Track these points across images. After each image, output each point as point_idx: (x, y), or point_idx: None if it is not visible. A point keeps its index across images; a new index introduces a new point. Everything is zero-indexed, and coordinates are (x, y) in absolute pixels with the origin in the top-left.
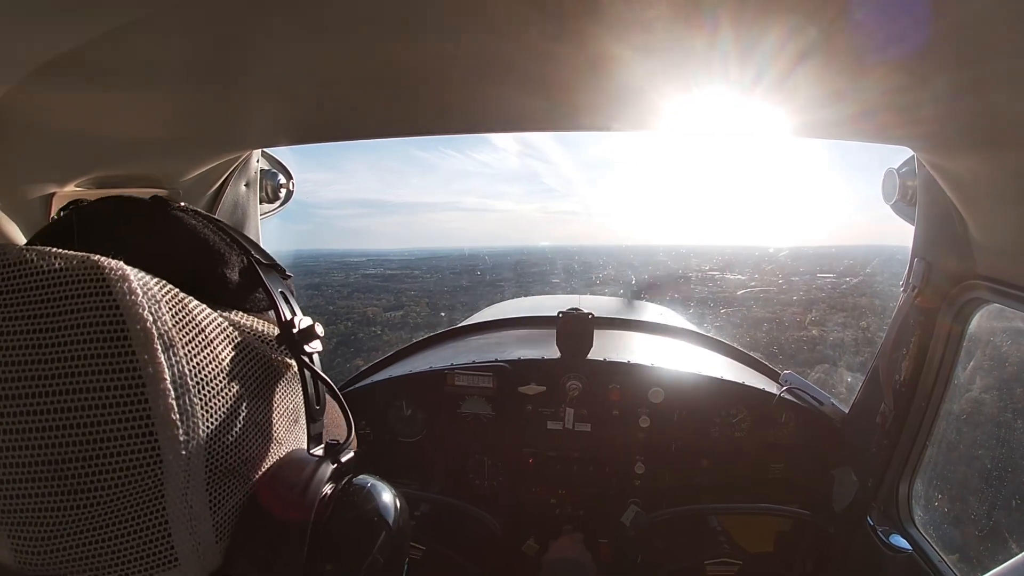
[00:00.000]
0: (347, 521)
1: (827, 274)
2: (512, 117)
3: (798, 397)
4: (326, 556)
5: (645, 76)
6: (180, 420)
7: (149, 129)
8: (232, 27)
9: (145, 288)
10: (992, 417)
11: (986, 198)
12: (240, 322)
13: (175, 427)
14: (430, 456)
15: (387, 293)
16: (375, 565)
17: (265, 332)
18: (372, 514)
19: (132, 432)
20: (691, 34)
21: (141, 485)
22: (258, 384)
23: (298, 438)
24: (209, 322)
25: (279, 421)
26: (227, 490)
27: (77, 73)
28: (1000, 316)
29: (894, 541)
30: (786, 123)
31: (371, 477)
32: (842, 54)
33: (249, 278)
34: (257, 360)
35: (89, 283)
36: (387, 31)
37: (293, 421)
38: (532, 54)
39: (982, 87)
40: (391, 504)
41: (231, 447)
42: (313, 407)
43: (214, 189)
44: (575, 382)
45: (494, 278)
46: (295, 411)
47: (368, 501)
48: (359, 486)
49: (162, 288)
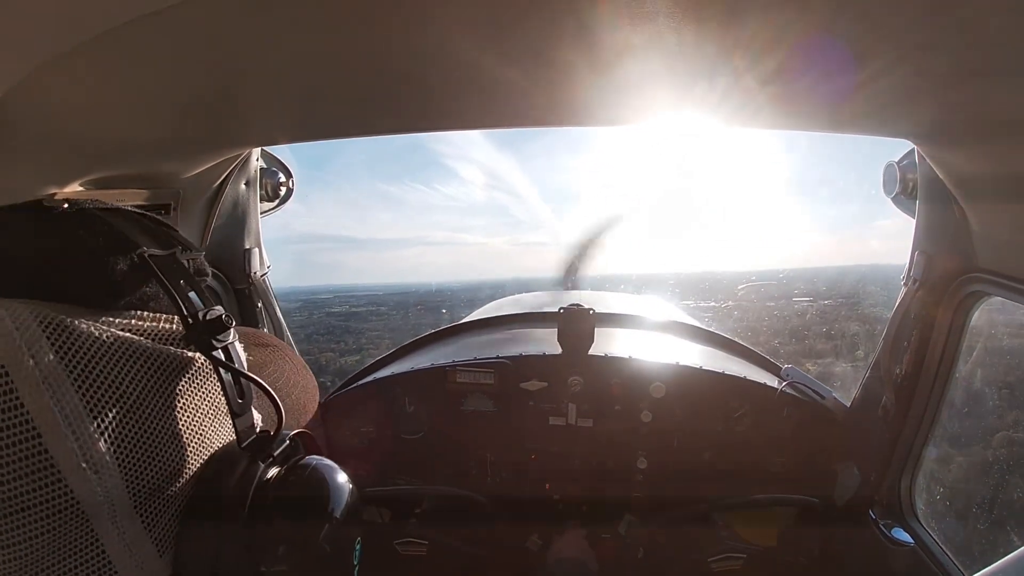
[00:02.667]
0: (288, 508)
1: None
2: (511, 112)
3: (800, 391)
4: (271, 545)
5: (644, 69)
6: (85, 459)
7: (149, 129)
8: (231, 26)
9: (22, 328)
10: (994, 409)
11: (986, 191)
12: (140, 325)
13: (81, 467)
14: (433, 453)
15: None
16: (322, 549)
17: (171, 330)
18: (315, 497)
19: (41, 483)
20: (689, 28)
21: (68, 526)
22: (167, 390)
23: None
24: (97, 342)
25: (202, 421)
26: (159, 505)
27: (76, 73)
28: (1001, 309)
29: (896, 534)
30: (786, 117)
31: (318, 459)
32: (842, 47)
33: (142, 274)
34: (163, 364)
35: None
36: (385, 27)
37: (225, 415)
38: (531, 47)
39: (982, 80)
40: (336, 485)
41: (149, 465)
42: (234, 401)
43: (214, 188)
44: (577, 378)
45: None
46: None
47: (313, 484)
48: (301, 470)
49: (39, 321)
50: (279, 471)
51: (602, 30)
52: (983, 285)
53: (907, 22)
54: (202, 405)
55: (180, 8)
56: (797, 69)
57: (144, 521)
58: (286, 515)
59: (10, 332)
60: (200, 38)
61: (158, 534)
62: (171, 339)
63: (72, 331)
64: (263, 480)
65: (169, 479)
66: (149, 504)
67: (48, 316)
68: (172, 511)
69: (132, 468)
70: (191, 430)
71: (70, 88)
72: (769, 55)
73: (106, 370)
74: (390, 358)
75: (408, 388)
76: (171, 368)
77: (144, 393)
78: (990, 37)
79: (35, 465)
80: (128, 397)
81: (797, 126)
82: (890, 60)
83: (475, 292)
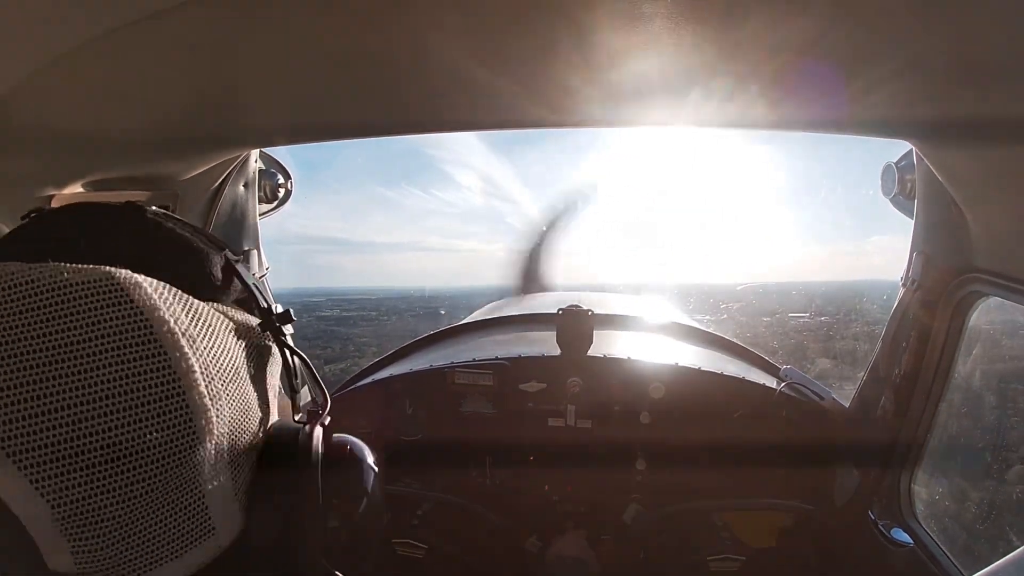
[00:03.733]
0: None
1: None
2: (510, 114)
3: (799, 392)
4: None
5: (642, 71)
6: (211, 407)
7: (147, 130)
8: (229, 27)
9: (159, 293)
10: (993, 409)
11: (985, 191)
12: (232, 314)
13: (208, 413)
14: (431, 455)
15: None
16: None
17: (247, 320)
18: (360, 462)
19: (175, 422)
20: (687, 30)
21: (183, 468)
22: (254, 367)
23: (279, 408)
24: (212, 317)
25: (271, 397)
26: (244, 461)
27: (76, 74)
28: (1000, 309)
29: (896, 535)
30: (785, 118)
31: (347, 436)
32: (840, 48)
33: (228, 273)
34: (253, 346)
35: (109, 294)
36: (383, 29)
37: (276, 395)
38: (529, 48)
39: (981, 81)
40: (367, 454)
41: (246, 425)
42: (295, 381)
43: (212, 189)
44: (576, 379)
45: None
46: (276, 386)
47: (353, 453)
48: (340, 442)
49: (169, 291)
50: (326, 443)
51: (600, 32)
52: (981, 285)
53: (906, 24)
54: (271, 382)
55: (179, 10)
56: (796, 71)
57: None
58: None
59: (148, 290)
60: (199, 40)
61: (239, 487)
62: (250, 327)
63: (194, 304)
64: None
65: (253, 441)
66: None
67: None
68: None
69: (236, 425)
70: (264, 400)
71: (69, 89)
72: (768, 57)
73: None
74: (389, 359)
75: (407, 390)
76: (255, 349)
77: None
78: (988, 39)
79: (173, 404)
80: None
81: (796, 127)
82: (889, 62)
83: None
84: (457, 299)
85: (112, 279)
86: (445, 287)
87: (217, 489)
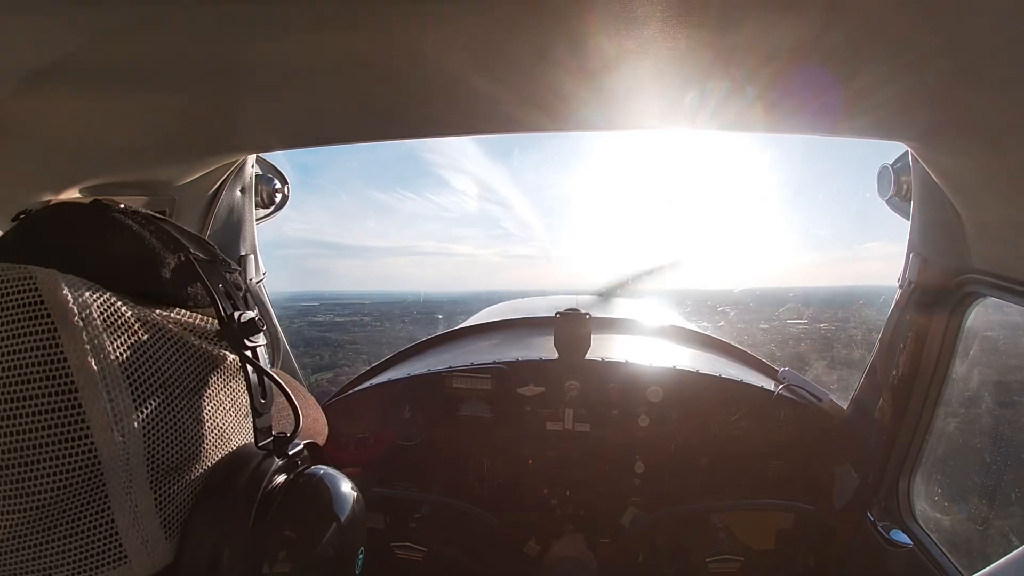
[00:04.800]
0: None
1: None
2: (505, 118)
3: (797, 394)
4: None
5: (638, 75)
6: (115, 421)
7: (144, 136)
8: (227, 32)
9: (76, 294)
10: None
11: (981, 192)
12: (180, 319)
13: (111, 428)
14: (430, 459)
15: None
16: (325, 555)
17: (207, 328)
18: (322, 505)
19: (68, 435)
20: (683, 33)
21: (82, 486)
22: (198, 381)
23: (251, 433)
24: (143, 323)
25: (224, 416)
26: (173, 487)
27: (71, 80)
28: (997, 310)
29: (895, 536)
30: (781, 121)
31: (326, 468)
32: (836, 51)
33: (187, 275)
34: (197, 357)
35: (21, 292)
36: (379, 35)
37: (244, 416)
38: (525, 53)
39: (977, 83)
40: (344, 494)
41: (172, 444)
42: (257, 401)
43: (209, 195)
44: (574, 382)
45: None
46: (244, 406)
47: (318, 492)
48: (309, 477)
49: (94, 293)
50: (289, 476)
51: (594, 36)
52: (978, 286)
53: (902, 28)
54: (226, 401)
55: (177, 16)
56: (792, 74)
57: (156, 499)
58: (292, 518)
59: (64, 292)
60: (196, 46)
61: (167, 515)
62: (207, 336)
63: (122, 309)
64: (273, 482)
65: (186, 464)
66: (164, 483)
67: (101, 291)
68: (184, 496)
69: (155, 442)
70: (213, 422)
71: (66, 95)
72: (764, 60)
73: (145, 349)
74: (387, 364)
75: (405, 394)
76: (203, 361)
77: (176, 378)
78: (984, 42)
79: (66, 417)
80: (161, 378)
81: (792, 130)
82: (886, 65)
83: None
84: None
85: (26, 277)
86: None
87: (129, 513)
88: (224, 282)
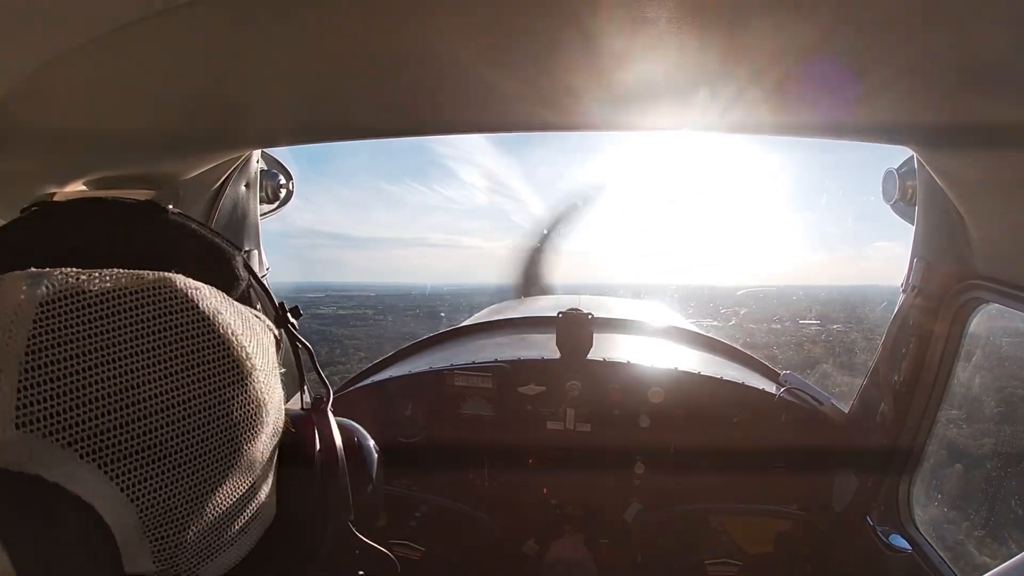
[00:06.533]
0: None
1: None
2: (513, 117)
3: (798, 397)
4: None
5: (646, 76)
6: (266, 399)
7: (149, 129)
8: (231, 27)
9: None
10: (992, 416)
11: (985, 198)
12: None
13: (267, 406)
14: (430, 457)
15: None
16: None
17: (263, 317)
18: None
19: (243, 417)
20: (692, 34)
21: (246, 458)
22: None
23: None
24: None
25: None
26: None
27: (77, 74)
28: (999, 316)
29: (894, 541)
30: (788, 124)
31: (349, 421)
32: (843, 54)
33: (242, 269)
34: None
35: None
36: (386, 31)
37: None
38: (534, 52)
39: (982, 88)
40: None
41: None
42: (303, 370)
43: (214, 189)
44: (575, 382)
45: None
46: None
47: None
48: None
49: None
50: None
51: (604, 35)
52: (981, 292)
53: (908, 31)
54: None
55: (181, 10)
56: (799, 77)
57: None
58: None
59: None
60: (201, 40)
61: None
62: (266, 323)
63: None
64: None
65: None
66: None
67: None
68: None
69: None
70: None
71: (71, 88)
72: (771, 63)
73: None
74: (389, 361)
75: (406, 392)
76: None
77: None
78: (990, 46)
79: (246, 405)
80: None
81: (798, 133)
82: (892, 69)
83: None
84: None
85: (171, 285)
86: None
87: (265, 471)
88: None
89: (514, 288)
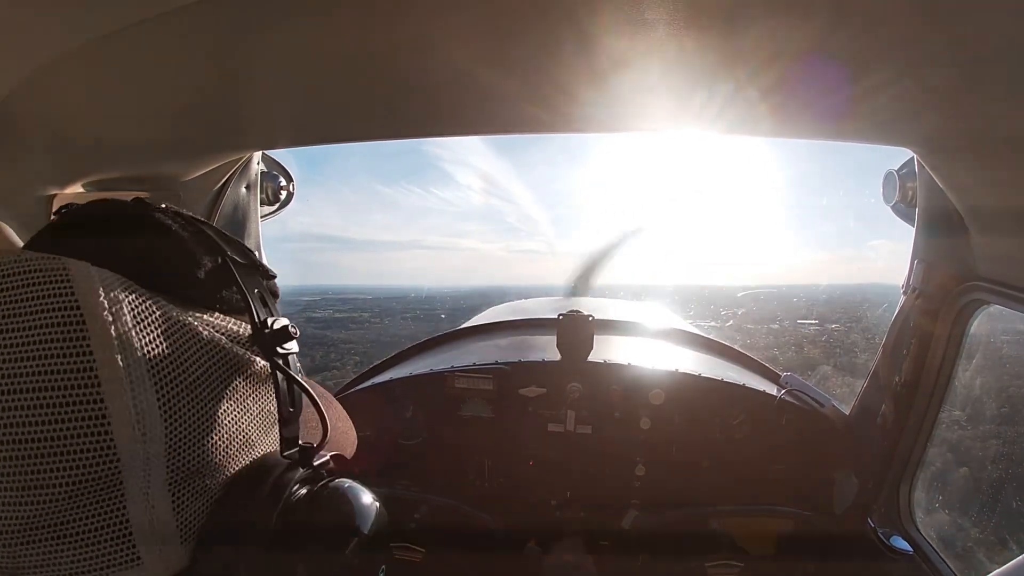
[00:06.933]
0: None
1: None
2: (511, 119)
3: (799, 399)
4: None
5: (644, 78)
6: (137, 419)
7: (149, 131)
8: (231, 30)
9: (108, 288)
10: (993, 418)
11: (986, 200)
12: (213, 322)
13: (132, 426)
14: (430, 459)
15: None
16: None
17: (239, 332)
18: (345, 518)
19: (87, 430)
20: (690, 36)
21: (99, 483)
22: (226, 385)
23: (277, 442)
24: (174, 323)
25: (251, 423)
26: (192, 491)
27: (78, 75)
28: (1000, 318)
29: (895, 543)
30: (787, 125)
31: (351, 481)
32: (841, 54)
33: (223, 278)
34: (227, 361)
35: (53, 283)
36: (386, 33)
37: (272, 424)
38: (532, 54)
39: (983, 90)
40: (366, 509)
41: (195, 447)
42: (286, 409)
43: (214, 191)
44: (576, 384)
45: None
46: (272, 414)
47: (342, 505)
48: (334, 489)
49: (126, 289)
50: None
51: (602, 38)
52: (982, 294)
53: (909, 34)
54: (253, 407)
55: (182, 12)
56: (798, 78)
57: (174, 502)
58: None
59: (96, 288)
60: (201, 42)
61: (184, 520)
62: (239, 341)
63: (153, 307)
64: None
65: (208, 468)
66: (184, 486)
67: (135, 288)
68: (204, 501)
69: (177, 444)
70: (239, 427)
71: (71, 90)
72: (770, 64)
73: (174, 349)
74: (390, 363)
75: (407, 393)
76: (233, 365)
77: (204, 381)
78: (991, 47)
79: (87, 411)
80: (188, 379)
81: (798, 134)
82: (892, 70)
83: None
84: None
85: (60, 269)
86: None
87: (145, 515)
88: (260, 287)
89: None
